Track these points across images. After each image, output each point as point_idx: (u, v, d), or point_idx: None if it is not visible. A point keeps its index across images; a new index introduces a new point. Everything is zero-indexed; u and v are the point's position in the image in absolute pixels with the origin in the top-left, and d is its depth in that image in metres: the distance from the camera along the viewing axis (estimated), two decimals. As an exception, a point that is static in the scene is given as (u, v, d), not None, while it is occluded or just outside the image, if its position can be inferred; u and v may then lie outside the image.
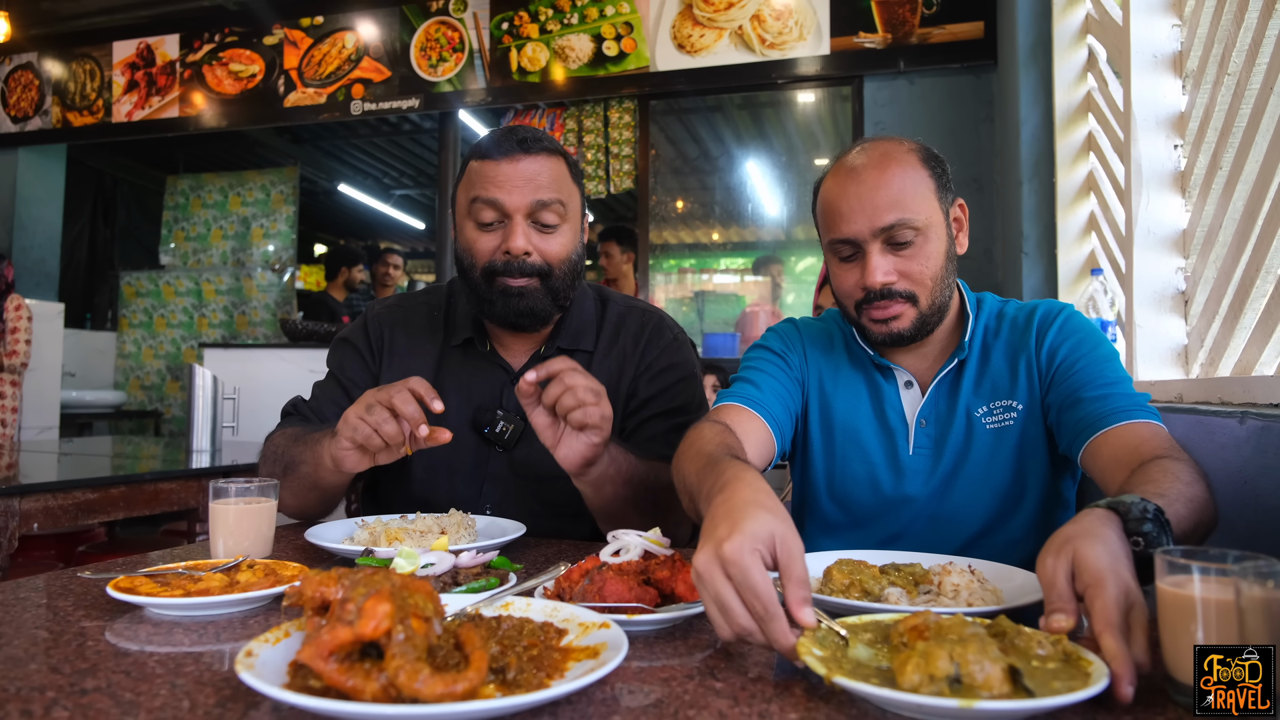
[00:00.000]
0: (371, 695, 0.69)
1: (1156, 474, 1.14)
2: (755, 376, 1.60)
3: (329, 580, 0.79)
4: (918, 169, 1.44)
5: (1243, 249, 1.95)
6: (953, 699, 0.69)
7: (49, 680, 0.82)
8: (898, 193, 1.41)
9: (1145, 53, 2.52)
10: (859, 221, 1.42)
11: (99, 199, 9.04)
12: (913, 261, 1.43)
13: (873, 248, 1.42)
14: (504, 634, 0.87)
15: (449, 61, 5.85)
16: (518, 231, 1.61)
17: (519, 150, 1.63)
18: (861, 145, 1.49)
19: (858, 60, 5.03)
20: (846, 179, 1.45)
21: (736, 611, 0.86)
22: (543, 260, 1.65)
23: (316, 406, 1.81)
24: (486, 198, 1.62)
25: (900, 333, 1.46)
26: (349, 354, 1.85)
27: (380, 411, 1.39)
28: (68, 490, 2.64)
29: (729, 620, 0.87)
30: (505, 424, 1.71)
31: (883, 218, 1.40)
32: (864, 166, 1.44)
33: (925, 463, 1.53)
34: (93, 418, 7.11)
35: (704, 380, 3.92)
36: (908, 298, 1.44)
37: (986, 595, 1.06)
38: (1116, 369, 1.42)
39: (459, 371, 1.79)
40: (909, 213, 1.40)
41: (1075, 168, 3.46)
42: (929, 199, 1.43)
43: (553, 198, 1.63)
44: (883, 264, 1.42)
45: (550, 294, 1.67)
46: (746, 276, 6.44)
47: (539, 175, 1.63)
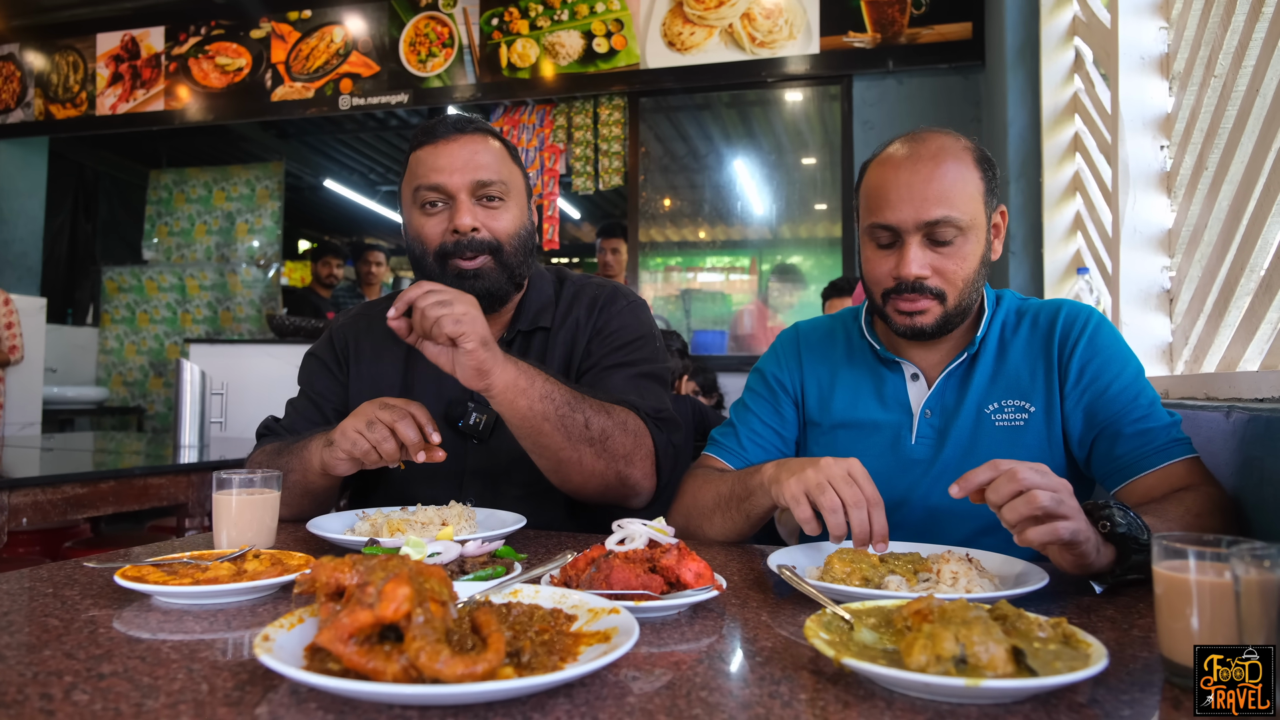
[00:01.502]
0: (392, 676, 0.71)
1: (1166, 502, 1.27)
2: (744, 421, 1.69)
3: (343, 566, 0.80)
4: (971, 168, 1.44)
5: (1228, 248, 1.98)
6: (959, 678, 0.71)
7: (65, 665, 0.83)
8: (949, 189, 1.41)
9: (1133, 54, 2.55)
10: (905, 211, 1.42)
11: (81, 193, 8.95)
12: (949, 260, 1.44)
13: (913, 239, 1.43)
14: (515, 620, 0.88)
15: (438, 57, 5.85)
16: (463, 209, 1.65)
17: (454, 132, 1.68)
18: (918, 134, 1.48)
19: (847, 60, 5.07)
20: (899, 166, 1.45)
21: (845, 490, 1.19)
22: (492, 236, 1.68)
23: (290, 424, 1.84)
24: (429, 184, 1.66)
25: (923, 327, 1.48)
26: (316, 369, 1.89)
27: (381, 430, 1.43)
28: (57, 485, 2.63)
29: (845, 492, 1.19)
30: (478, 415, 1.73)
31: (930, 211, 1.41)
32: (918, 157, 1.44)
33: (927, 452, 1.53)
34: (75, 414, 7.06)
35: (685, 383, 3.97)
36: (936, 294, 1.46)
37: (984, 582, 1.09)
38: (1146, 389, 1.44)
39: (427, 368, 1.79)
40: (956, 210, 1.41)
41: (1062, 168, 3.50)
42: (976, 200, 1.44)
43: (493, 175, 1.67)
44: (919, 257, 1.43)
45: (504, 270, 1.70)
46: (733, 275, 6.46)
47: (477, 154, 1.67)
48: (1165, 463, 1.36)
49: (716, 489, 1.51)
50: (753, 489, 1.40)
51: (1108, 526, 1.09)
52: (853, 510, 1.19)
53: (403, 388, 1.81)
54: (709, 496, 1.53)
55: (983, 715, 0.72)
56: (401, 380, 1.81)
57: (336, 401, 1.84)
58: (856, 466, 1.24)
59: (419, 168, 1.68)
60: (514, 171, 1.74)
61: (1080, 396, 1.46)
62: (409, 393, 1.80)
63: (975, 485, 1.09)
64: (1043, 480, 1.05)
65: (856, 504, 1.19)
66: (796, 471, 1.26)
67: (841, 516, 1.19)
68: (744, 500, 1.43)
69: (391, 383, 1.81)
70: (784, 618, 1.03)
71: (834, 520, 1.20)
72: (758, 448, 1.67)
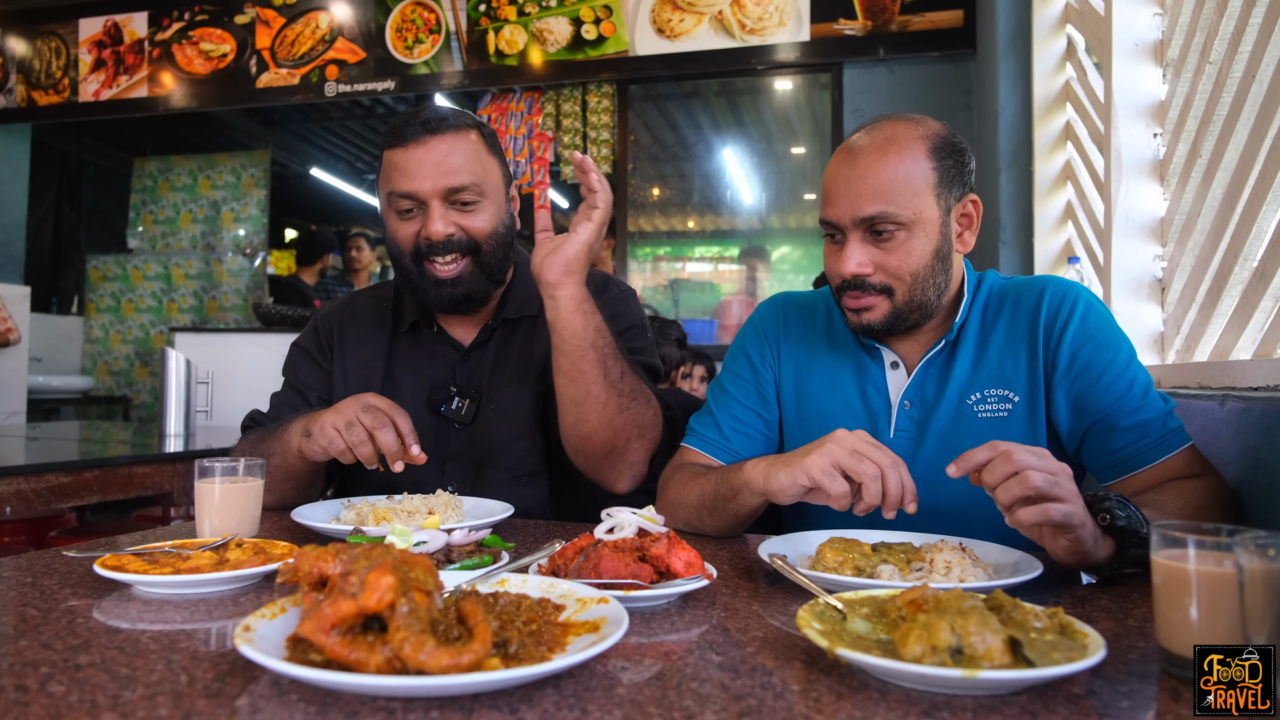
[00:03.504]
0: (376, 667, 0.69)
1: (1164, 493, 1.26)
2: (725, 407, 1.62)
3: (326, 555, 0.78)
4: (920, 159, 1.37)
5: (1221, 236, 1.97)
6: (956, 669, 0.70)
7: (41, 656, 0.81)
8: (886, 183, 1.36)
9: (1127, 41, 2.54)
10: (842, 206, 1.39)
11: (64, 181, 8.85)
12: (892, 255, 1.39)
13: (852, 236, 1.40)
14: (502, 609, 0.86)
15: (425, 43, 5.79)
16: (435, 217, 1.62)
17: (424, 132, 1.62)
18: (874, 124, 1.44)
19: (837, 47, 5.04)
20: (842, 159, 1.42)
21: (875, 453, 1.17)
22: (468, 236, 1.65)
23: (275, 416, 1.82)
24: (400, 191, 1.63)
25: (871, 324, 1.44)
26: (301, 358, 1.88)
27: (360, 432, 1.42)
28: (40, 474, 2.59)
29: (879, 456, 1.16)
30: (460, 400, 1.73)
31: (864, 208, 1.37)
32: (861, 150, 1.39)
33: (907, 446, 1.48)
34: (60, 403, 7.00)
35: (687, 368, 3.94)
36: (882, 290, 1.41)
37: (977, 571, 1.08)
38: (1140, 374, 1.39)
39: (410, 355, 1.82)
40: (894, 206, 1.36)
41: (1053, 156, 3.50)
42: (923, 193, 1.37)
43: (465, 179, 1.63)
44: (858, 254, 1.39)
45: (483, 271, 1.68)
46: (721, 265, 6.44)
47: (449, 156, 1.62)
48: (1164, 457, 1.33)
49: (700, 490, 1.44)
50: (737, 488, 1.35)
51: (1107, 519, 1.08)
52: (890, 472, 1.16)
53: (385, 375, 1.80)
54: (692, 497, 1.46)
55: (979, 707, 0.70)
56: (384, 368, 1.81)
57: (321, 390, 1.83)
58: (867, 435, 1.22)
59: (391, 171, 1.65)
60: (490, 166, 1.69)
61: (1071, 385, 1.39)
62: (392, 379, 1.79)
63: (972, 465, 1.08)
64: (1038, 462, 1.04)
65: (893, 466, 1.17)
66: (812, 451, 1.21)
67: (882, 482, 1.17)
68: (729, 500, 1.38)
69: (375, 370, 1.80)
70: (775, 607, 1.01)
71: (876, 487, 1.16)
72: (741, 436, 1.59)
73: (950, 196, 1.41)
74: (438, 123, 1.63)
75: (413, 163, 1.61)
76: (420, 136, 1.62)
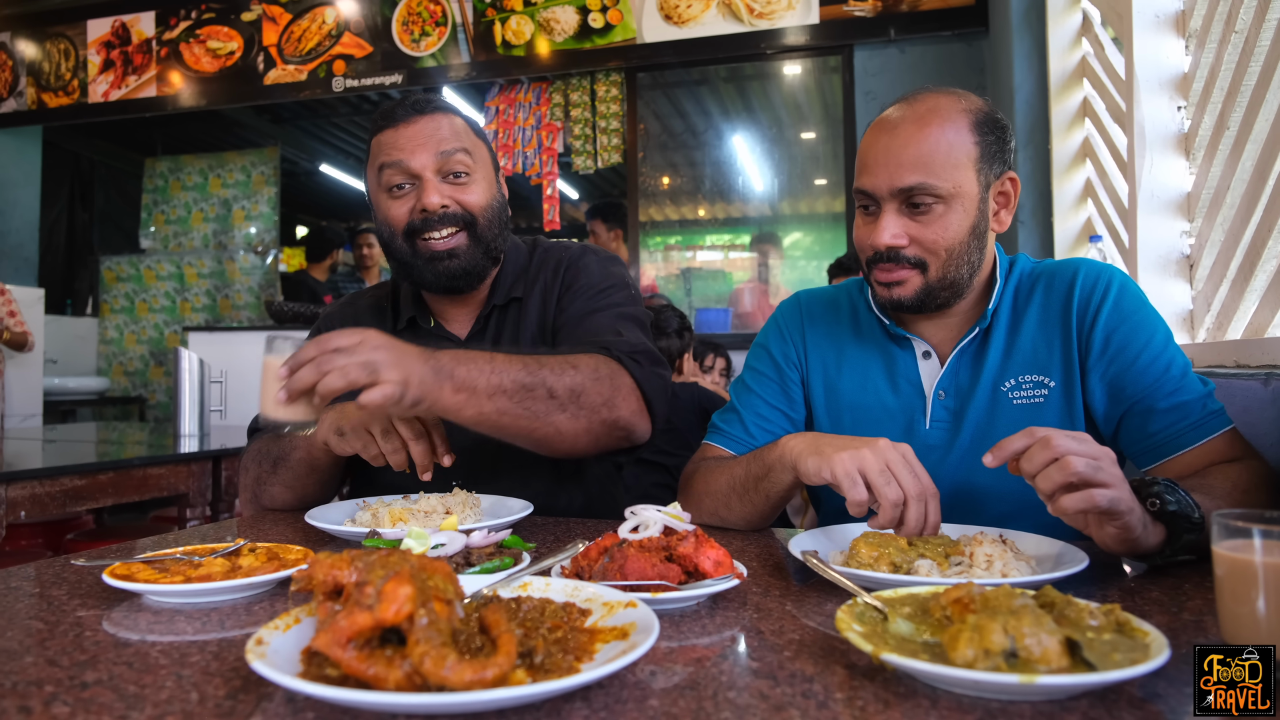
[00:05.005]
0: (395, 684, 0.65)
1: (1210, 476, 1.21)
2: (748, 405, 1.59)
3: (341, 563, 0.74)
4: (962, 133, 1.34)
5: (1252, 210, 1.91)
6: (1012, 674, 0.65)
7: (46, 674, 0.78)
8: (928, 154, 1.32)
9: (1147, 12, 2.47)
10: (880, 176, 1.35)
11: (76, 182, 8.88)
12: (928, 228, 1.35)
13: (888, 206, 1.36)
14: (525, 616, 0.82)
15: (432, 36, 5.75)
16: (430, 188, 1.61)
17: (414, 113, 1.65)
18: (916, 95, 1.39)
19: (847, 29, 4.97)
20: (881, 129, 1.37)
21: (907, 478, 1.12)
22: (463, 209, 1.64)
23: None
24: (391, 162, 1.62)
25: (902, 299, 1.39)
26: None
27: (395, 441, 1.40)
28: (55, 477, 2.58)
29: (908, 482, 1.11)
30: None
31: (904, 178, 1.33)
32: (902, 120, 1.35)
33: (943, 437, 1.44)
34: (76, 404, 7.02)
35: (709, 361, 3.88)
36: (916, 264, 1.37)
37: (1020, 565, 1.03)
38: (1177, 356, 1.34)
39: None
40: (934, 178, 1.32)
41: (1071, 134, 3.43)
42: (964, 167, 1.33)
43: (456, 146, 1.63)
44: (893, 225, 1.35)
45: (480, 245, 1.66)
46: (733, 253, 6.38)
47: (439, 130, 1.64)
48: (1204, 439, 1.28)
49: (730, 473, 1.41)
50: (770, 464, 1.31)
51: (1157, 505, 1.03)
52: (914, 503, 1.12)
53: None
54: (721, 482, 1.43)
55: (1036, 714, 0.66)
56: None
57: None
58: (910, 452, 1.16)
59: (380, 150, 1.65)
60: (478, 145, 1.71)
61: (1106, 369, 1.35)
62: None
63: (1010, 453, 1.03)
64: (1079, 446, 0.99)
65: (919, 496, 1.12)
66: (847, 448, 1.16)
67: (901, 510, 1.12)
68: (761, 479, 1.34)
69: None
70: (809, 607, 0.97)
71: (892, 514, 1.12)
72: (765, 434, 1.56)
73: (990, 173, 1.37)
74: (425, 104, 1.67)
75: (403, 139, 1.62)
76: (410, 116, 1.64)
